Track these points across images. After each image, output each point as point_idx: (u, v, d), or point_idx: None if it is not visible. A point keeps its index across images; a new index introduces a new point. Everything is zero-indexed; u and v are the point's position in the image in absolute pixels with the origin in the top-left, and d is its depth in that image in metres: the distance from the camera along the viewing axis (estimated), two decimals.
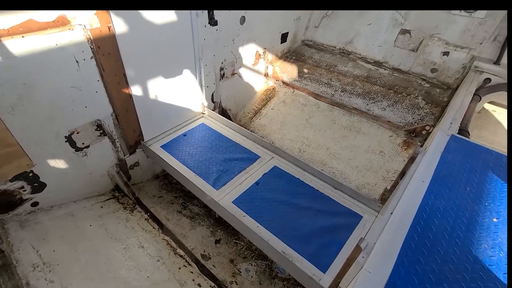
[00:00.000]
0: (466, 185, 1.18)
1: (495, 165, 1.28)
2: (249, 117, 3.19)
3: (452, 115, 1.75)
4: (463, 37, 2.58)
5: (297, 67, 3.36)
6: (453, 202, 1.10)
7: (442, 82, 2.81)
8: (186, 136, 2.54)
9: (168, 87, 2.31)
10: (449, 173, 1.22)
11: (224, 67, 2.71)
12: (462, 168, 1.25)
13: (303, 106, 3.11)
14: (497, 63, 2.40)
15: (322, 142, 2.77)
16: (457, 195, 1.13)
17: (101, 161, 2.12)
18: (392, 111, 2.74)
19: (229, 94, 2.98)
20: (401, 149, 2.52)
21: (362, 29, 3.14)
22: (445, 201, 1.10)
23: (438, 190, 1.14)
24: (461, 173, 1.23)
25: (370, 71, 3.12)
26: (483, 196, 1.13)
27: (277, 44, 3.31)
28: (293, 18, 3.28)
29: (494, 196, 1.13)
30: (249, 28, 2.71)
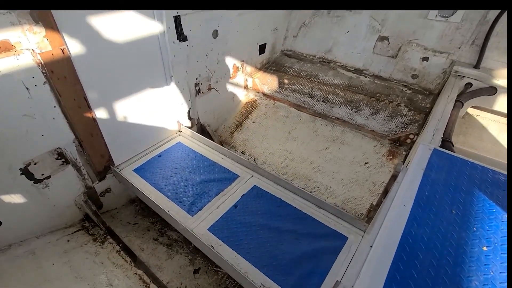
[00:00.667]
0: (451, 207, 1.07)
1: (481, 181, 1.18)
2: (230, 132, 3.07)
3: (434, 125, 1.67)
4: (441, 42, 2.54)
5: (278, 78, 3.28)
6: (438, 229, 0.99)
7: (423, 88, 2.76)
8: (161, 157, 2.40)
9: (138, 107, 2.17)
10: (433, 194, 1.12)
11: (199, 83, 2.60)
12: (447, 188, 1.15)
13: (284, 118, 3.01)
14: (477, 67, 2.36)
15: (305, 155, 2.66)
16: (442, 220, 1.02)
17: (66, 191, 1.95)
18: (375, 119, 2.66)
19: (207, 110, 2.86)
20: (386, 160, 2.43)
21: (340, 38, 3.09)
22: (430, 229, 0.99)
23: (421, 216, 1.03)
24: (446, 193, 1.12)
25: (351, 79, 3.06)
26: (471, 220, 1.02)
27: (256, 55, 3.22)
28: (270, 29, 3.21)
29: (483, 219, 1.03)
30: (223, 41, 2.61)
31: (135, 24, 1.87)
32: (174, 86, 2.34)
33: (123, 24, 1.80)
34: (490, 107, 2.31)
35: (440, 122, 1.70)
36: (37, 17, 1.33)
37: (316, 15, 3.16)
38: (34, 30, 1.35)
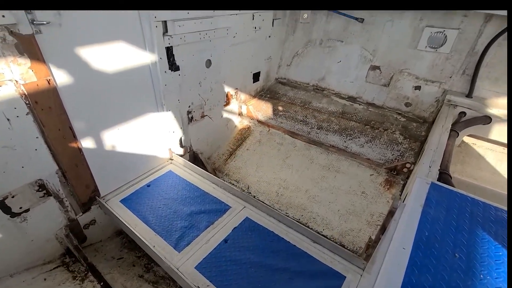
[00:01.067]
0: (454, 250, 0.99)
1: (484, 220, 1.10)
2: (223, 159, 3.01)
3: (430, 157, 1.62)
4: (432, 71, 2.57)
5: (272, 105, 3.28)
6: (441, 276, 0.90)
7: (417, 116, 2.75)
8: (150, 186, 2.30)
9: (128, 136, 2.12)
10: (433, 235, 1.03)
11: (192, 111, 2.58)
12: (448, 227, 1.07)
13: (279, 145, 2.96)
14: (469, 96, 2.37)
15: (300, 184, 2.58)
16: (445, 265, 0.94)
17: (46, 225, 1.84)
18: (371, 147, 2.62)
19: (200, 137, 2.81)
20: (383, 189, 2.35)
21: (333, 67, 3.14)
22: (432, 276, 0.90)
23: (422, 261, 0.95)
24: (447, 234, 1.04)
25: (345, 106, 3.06)
26: (477, 265, 0.94)
27: (250, 83, 3.25)
28: (264, 58, 3.27)
29: (490, 264, 0.94)
30: (216, 70, 2.63)
31: (126, 55, 1.87)
32: (165, 115, 2.30)
33: (114, 54, 1.79)
34: (486, 136, 2.29)
35: (436, 153, 1.66)
36: (22, 49, 1.31)
37: (309, 45, 3.23)
38: (19, 61, 1.32)
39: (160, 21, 1.94)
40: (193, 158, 2.82)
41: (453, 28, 2.35)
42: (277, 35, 3.26)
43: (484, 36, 2.24)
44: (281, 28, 3.27)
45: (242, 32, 2.72)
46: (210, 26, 2.32)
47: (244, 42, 2.83)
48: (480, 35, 2.26)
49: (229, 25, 2.52)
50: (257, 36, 2.96)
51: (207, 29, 2.31)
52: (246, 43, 2.86)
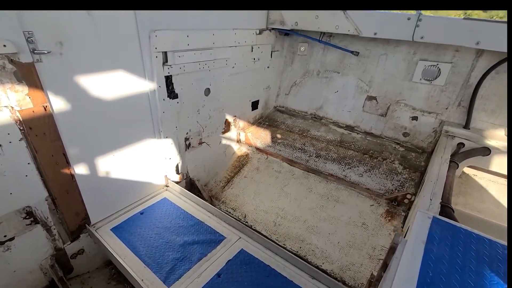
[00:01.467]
0: None
1: (491, 259, 1.04)
2: (220, 187, 2.95)
3: (430, 189, 1.58)
4: (428, 102, 2.61)
5: (270, 133, 3.29)
6: None
7: (416, 146, 2.74)
8: (143, 214, 2.23)
9: (123, 162, 2.09)
10: (438, 276, 0.97)
11: (190, 137, 2.57)
12: (453, 267, 1.00)
13: (277, 173, 2.92)
14: (467, 127, 2.38)
15: (298, 214, 2.50)
16: None
17: (31, 254, 1.75)
18: (370, 177, 2.58)
19: (197, 164, 2.78)
20: (384, 221, 2.28)
21: (330, 96, 3.19)
22: None
23: None
24: (453, 275, 0.97)
25: (343, 135, 3.07)
26: None
27: (248, 111, 3.28)
28: (263, 87, 3.34)
29: None
30: (215, 98, 2.67)
31: (125, 83, 1.90)
32: (162, 141, 2.29)
33: (113, 82, 1.82)
34: (486, 168, 2.26)
35: (437, 185, 1.62)
36: (20, 77, 1.33)
37: (307, 76, 3.31)
38: (16, 88, 1.33)
39: (161, 52, 2.00)
40: (190, 185, 2.77)
41: (446, 62, 2.42)
42: (276, 66, 3.36)
43: (477, 69, 2.29)
44: (279, 59, 3.37)
45: (241, 62, 2.80)
46: (209, 57, 2.39)
47: (243, 72, 2.90)
48: (472, 69, 2.32)
49: (228, 56, 2.60)
50: (256, 67, 3.04)
51: (207, 60, 2.38)
52: (245, 73, 2.94)
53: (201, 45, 2.28)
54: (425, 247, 1.09)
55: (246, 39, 2.73)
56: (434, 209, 1.42)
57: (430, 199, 1.50)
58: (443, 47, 2.40)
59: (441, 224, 1.22)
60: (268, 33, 2.99)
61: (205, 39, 2.30)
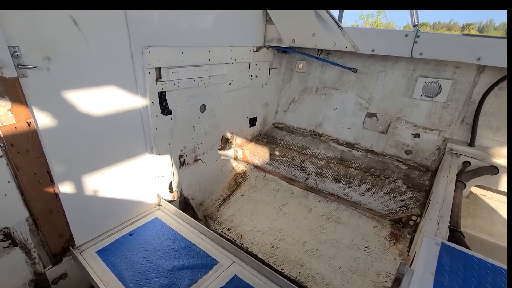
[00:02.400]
0: None
1: None
2: (216, 206, 2.83)
3: (437, 211, 1.46)
4: (430, 119, 2.54)
5: (269, 150, 3.21)
6: None
7: (419, 164, 2.64)
8: (132, 235, 2.11)
9: (112, 180, 2.00)
10: None
11: (184, 154, 2.49)
12: None
13: (275, 191, 2.81)
14: (472, 145, 2.28)
15: (297, 236, 2.36)
16: None
17: (6, 280, 1.62)
18: (372, 196, 2.46)
19: (192, 182, 2.68)
20: (389, 244, 2.13)
21: (329, 113, 3.14)
22: None
23: None
24: None
25: (343, 152, 2.98)
26: None
27: (246, 128, 3.22)
28: (261, 104, 3.30)
29: None
30: (211, 115, 2.62)
31: (116, 99, 1.85)
32: (155, 158, 2.21)
33: (103, 98, 1.77)
34: (495, 187, 2.14)
35: (444, 207, 1.51)
36: (3, 92, 1.28)
37: (305, 93, 3.28)
38: None
39: (154, 67, 1.97)
40: (184, 203, 2.66)
41: (447, 79, 2.37)
42: (274, 83, 3.34)
43: (479, 86, 2.24)
44: (277, 76, 3.36)
45: (238, 79, 2.77)
46: (205, 74, 2.36)
47: (240, 88, 2.87)
48: (474, 85, 2.26)
49: (224, 73, 2.58)
50: (254, 84, 3.02)
51: (202, 76, 2.35)
52: (242, 90, 2.90)
53: (196, 61, 2.25)
54: (434, 279, 0.97)
55: (243, 56, 2.71)
56: (442, 234, 1.31)
57: (438, 223, 1.38)
58: (443, 63, 2.36)
59: (451, 252, 1.10)
60: (266, 50, 2.98)
61: (201, 55, 2.28)
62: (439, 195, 1.63)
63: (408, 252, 2.03)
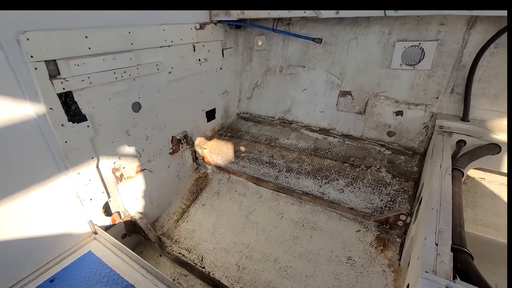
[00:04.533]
0: None
1: None
2: (174, 220, 2.38)
3: (433, 222, 1.05)
4: (413, 92, 2.12)
5: (233, 146, 2.75)
6: None
7: (405, 147, 2.25)
8: (54, 282, 1.64)
9: (17, 215, 1.50)
10: None
11: (120, 167, 2.00)
12: None
13: (241, 196, 2.37)
14: (465, 119, 1.89)
15: (267, 251, 1.95)
16: None
17: None
18: (353, 192, 2.06)
19: (139, 197, 2.21)
20: (375, 252, 1.75)
21: (298, 96, 2.68)
22: None
23: None
24: None
25: (317, 141, 2.55)
26: None
27: (203, 123, 2.73)
28: (218, 93, 2.80)
29: None
30: (150, 114, 2.11)
31: None
32: (73, 179, 1.71)
33: None
34: (496, 169, 1.77)
35: (442, 215, 1.10)
36: None
37: (268, 74, 2.79)
38: None
39: (42, 61, 1.43)
40: (131, 225, 2.19)
41: (430, 40, 1.94)
42: (231, 66, 2.83)
43: (470, 45, 1.81)
44: (234, 58, 2.84)
45: (180, 66, 2.25)
46: (129, 63, 1.84)
47: (187, 77, 2.35)
48: (465, 45, 1.84)
49: (159, 59, 2.05)
50: (204, 69, 2.50)
51: (126, 67, 1.82)
52: (189, 78, 2.39)
53: (111, 47, 1.72)
54: None
55: (183, 37, 2.18)
56: (445, 263, 0.90)
57: (436, 244, 0.97)
58: (425, 21, 1.91)
59: None
60: (214, 27, 2.45)
61: (117, 39, 1.74)
62: (433, 196, 1.22)
63: (399, 261, 1.65)
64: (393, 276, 1.60)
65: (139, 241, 2.26)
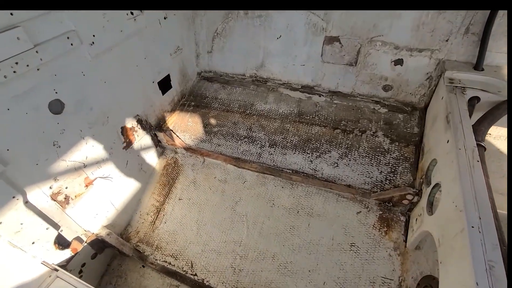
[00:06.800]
0: None
1: None
2: (149, 222, 2.07)
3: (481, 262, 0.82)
4: (417, 35, 1.68)
5: (201, 119, 2.27)
6: None
7: (403, 103, 1.94)
8: None
9: None
10: None
11: (62, 189, 1.53)
12: None
13: (222, 184, 2.06)
14: (479, 67, 1.55)
15: (263, 246, 1.77)
16: None
17: None
18: (348, 165, 1.82)
19: (99, 211, 1.82)
20: (379, 234, 1.62)
21: (272, 45, 2.12)
22: None
23: None
24: None
25: (301, 102, 2.15)
26: None
27: (158, 97, 2.16)
28: (169, 52, 2.13)
29: None
30: (82, 109, 1.54)
31: None
32: None
33: None
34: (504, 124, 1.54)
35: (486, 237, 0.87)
36: None
37: (231, 18, 2.12)
38: None
39: None
40: (99, 243, 1.86)
41: None
42: (177, 13, 2.09)
43: None
44: None
45: (105, 30, 1.56)
46: (20, 46, 1.17)
47: (119, 43, 1.68)
48: None
49: (69, 27, 1.36)
50: (142, 25, 1.80)
51: (16, 53, 1.16)
52: (124, 44, 1.72)
53: None
54: None
55: None
56: None
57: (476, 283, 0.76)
58: None
59: None
60: None
61: None
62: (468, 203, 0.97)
63: (405, 242, 1.54)
64: (400, 259, 1.51)
65: (114, 254, 1.97)
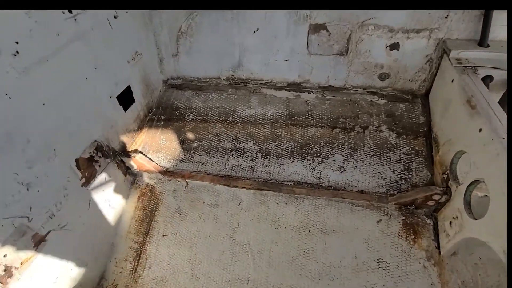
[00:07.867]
0: None
1: None
2: (129, 270, 1.67)
3: None
4: (414, 14, 1.51)
5: (176, 135, 1.92)
6: None
7: (401, 91, 1.77)
8: None
9: None
10: None
11: (9, 267, 1.10)
12: None
13: (214, 209, 1.72)
14: (483, 43, 1.42)
15: (276, 279, 1.48)
16: None
17: None
18: (356, 167, 1.60)
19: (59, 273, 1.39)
20: (407, 244, 1.42)
21: (249, 41, 1.83)
22: None
23: None
24: None
25: (289, 102, 1.89)
26: None
27: (120, 115, 1.76)
28: (126, 59, 1.74)
29: None
30: (13, 145, 1.12)
31: None
32: None
33: None
34: None
35: None
36: None
37: (196, 13, 1.79)
38: None
39: None
40: None
41: None
42: (130, 11, 1.71)
43: None
44: None
45: (32, 34, 1.15)
46: None
47: (57, 51, 1.27)
48: None
49: None
50: (86, 26, 1.41)
51: None
52: (63, 52, 1.31)
53: None
54: None
55: None
56: None
57: None
58: None
59: None
60: None
61: None
62: None
63: (437, 249, 1.35)
64: (437, 270, 1.32)
65: None
